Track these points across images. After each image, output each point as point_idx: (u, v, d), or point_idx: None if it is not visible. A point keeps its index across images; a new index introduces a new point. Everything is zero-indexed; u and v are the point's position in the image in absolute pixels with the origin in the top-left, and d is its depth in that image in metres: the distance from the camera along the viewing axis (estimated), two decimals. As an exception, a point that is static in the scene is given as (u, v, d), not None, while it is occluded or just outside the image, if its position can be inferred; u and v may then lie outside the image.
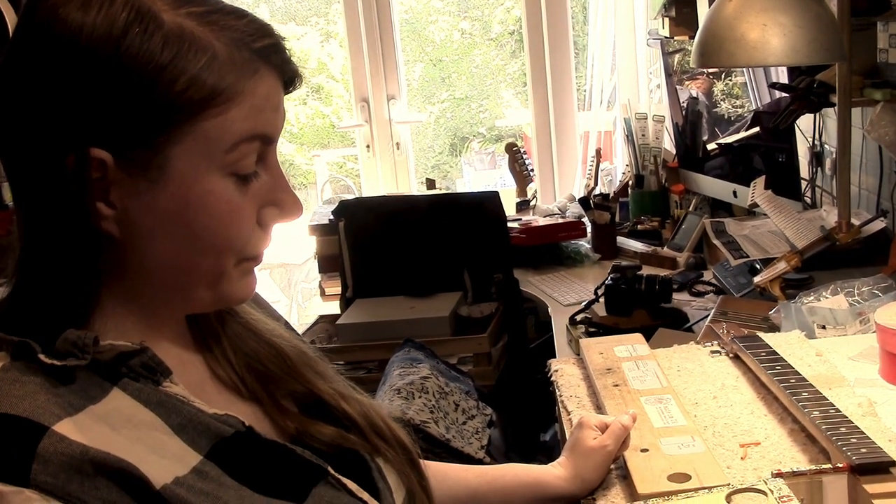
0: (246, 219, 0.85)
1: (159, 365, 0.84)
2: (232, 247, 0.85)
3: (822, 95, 2.24)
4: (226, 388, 0.94)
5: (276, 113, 0.86)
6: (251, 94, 0.82)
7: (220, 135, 0.81)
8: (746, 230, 2.57)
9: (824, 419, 1.28)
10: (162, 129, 0.79)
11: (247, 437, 0.86)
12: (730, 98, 3.88)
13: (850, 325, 1.79)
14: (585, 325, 2.30)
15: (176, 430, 0.81)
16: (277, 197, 0.88)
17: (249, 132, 0.83)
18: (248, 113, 0.82)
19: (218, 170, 0.82)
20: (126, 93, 0.77)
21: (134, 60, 0.77)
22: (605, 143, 4.14)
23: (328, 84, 6.70)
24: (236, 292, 0.89)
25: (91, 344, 0.79)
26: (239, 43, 0.82)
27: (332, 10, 6.55)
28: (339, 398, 0.99)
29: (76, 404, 0.77)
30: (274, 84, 0.85)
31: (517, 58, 6.42)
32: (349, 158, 5.67)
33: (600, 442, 1.27)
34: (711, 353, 1.74)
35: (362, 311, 2.96)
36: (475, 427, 2.32)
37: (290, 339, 1.01)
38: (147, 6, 0.78)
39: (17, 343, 0.79)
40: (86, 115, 0.77)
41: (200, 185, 0.82)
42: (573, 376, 1.71)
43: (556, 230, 3.27)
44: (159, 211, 0.81)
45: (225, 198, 0.83)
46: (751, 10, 1.58)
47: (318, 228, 3.49)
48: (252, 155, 0.84)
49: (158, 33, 0.78)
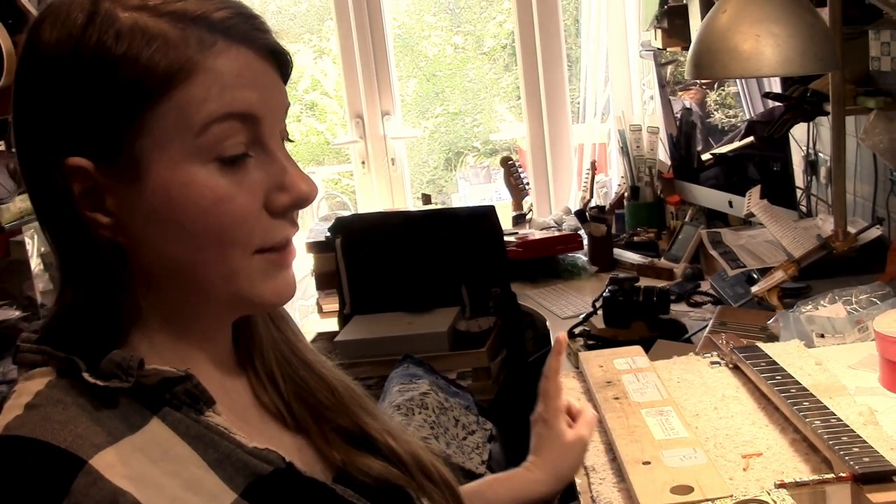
0: (241, 206, 0.80)
1: (203, 394, 0.82)
2: (232, 238, 0.80)
3: (816, 104, 2.25)
4: (270, 416, 0.92)
5: (256, 90, 0.80)
6: (212, 71, 0.78)
7: (185, 118, 0.77)
8: (743, 240, 2.58)
9: (826, 428, 1.28)
10: (126, 124, 0.77)
11: (286, 475, 0.83)
12: (723, 108, 3.89)
13: (849, 333, 1.79)
14: (584, 337, 2.30)
15: (212, 466, 0.79)
16: (282, 179, 0.82)
17: (219, 111, 0.78)
18: (215, 91, 0.77)
19: (194, 157, 0.78)
20: (87, 94, 0.76)
21: (90, 60, 0.76)
22: (599, 155, 4.15)
23: (322, 101, 6.70)
24: (262, 292, 0.84)
25: (136, 367, 0.78)
26: (194, 20, 0.78)
27: (325, 26, 6.56)
28: (387, 436, 0.96)
29: (116, 433, 0.76)
30: (244, 58, 0.80)
31: (510, 71, 6.43)
32: (344, 175, 5.67)
33: (577, 433, 1.24)
34: (711, 363, 1.74)
35: (360, 328, 2.95)
36: (476, 442, 2.31)
37: (338, 374, 0.99)
38: (102, 8, 0.77)
39: (63, 359, 0.78)
40: (60, 125, 0.78)
41: (178, 175, 0.78)
42: (573, 390, 1.70)
43: (552, 243, 3.27)
44: (148, 211, 0.79)
45: (209, 186, 0.78)
46: (744, 21, 1.58)
47: (315, 245, 3.49)
48: (234, 136, 0.79)
49: (112, 30, 0.76)
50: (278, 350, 0.95)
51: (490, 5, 6.69)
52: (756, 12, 1.58)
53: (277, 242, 0.83)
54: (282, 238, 0.84)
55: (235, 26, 0.80)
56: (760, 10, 1.58)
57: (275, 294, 0.85)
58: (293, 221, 0.85)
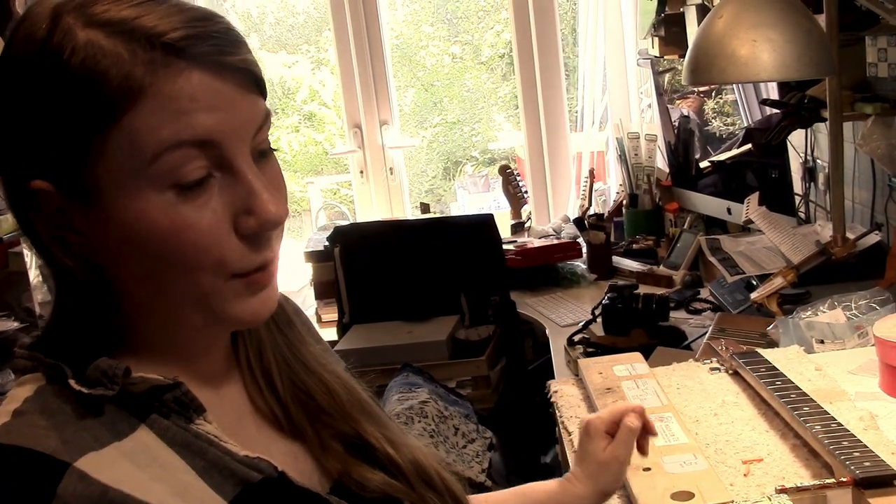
0: (204, 232, 0.76)
1: (192, 402, 0.80)
2: (199, 264, 0.77)
3: (813, 111, 2.25)
4: (265, 423, 0.90)
5: (213, 112, 0.76)
6: (162, 95, 0.73)
7: (136, 147, 0.73)
8: (742, 247, 2.58)
9: (826, 434, 1.28)
10: (80, 150, 0.74)
11: (277, 484, 0.82)
12: (721, 116, 3.90)
13: (849, 338, 1.79)
14: (583, 345, 2.29)
15: (200, 473, 0.78)
16: (248, 203, 0.78)
17: (171, 139, 0.74)
18: (166, 117, 0.74)
19: (149, 185, 0.74)
20: (44, 114, 0.74)
21: (46, 79, 0.74)
22: (598, 163, 4.15)
23: (320, 111, 6.71)
24: (238, 313, 0.81)
25: (121, 374, 0.77)
26: (147, 39, 0.74)
27: (323, 37, 6.57)
28: (386, 443, 0.93)
29: (102, 439, 0.75)
30: (198, 79, 0.75)
31: (508, 80, 6.44)
32: (343, 185, 5.67)
33: (611, 453, 1.17)
34: (711, 370, 1.73)
35: (360, 337, 2.95)
36: (476, 450, 2.31)
37: (341, 377, 0.97)
38: (64, 21, 0.74)
39: (51, 366, 0.78)
40: (23, 146, 0.77)
41: (134, 203, 0.75)
42: (573, 397, 1.70)
43: (551, 251, 3.27)
44: (113, 236, 0.77)
45: (166, 214, 0.75)
46: (741, 26, 1.59)
47: (314, 255, 3.49)
48: (191, 163, 0.75)
49: (69, 46, 0.73)
50: (279, 352, 0.93)
51: (487, 15, 6.70)
52: (752, 17, 1.58)
53: (253, 268, 0.80)
54: (258, 263, 0.80)
55: (191, 47, 0.75)
56: (757, 16, 1.58)
57: (251, 314, 0.82)
58: (269, 244, 0.81)
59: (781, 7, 1.59)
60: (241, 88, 0.78)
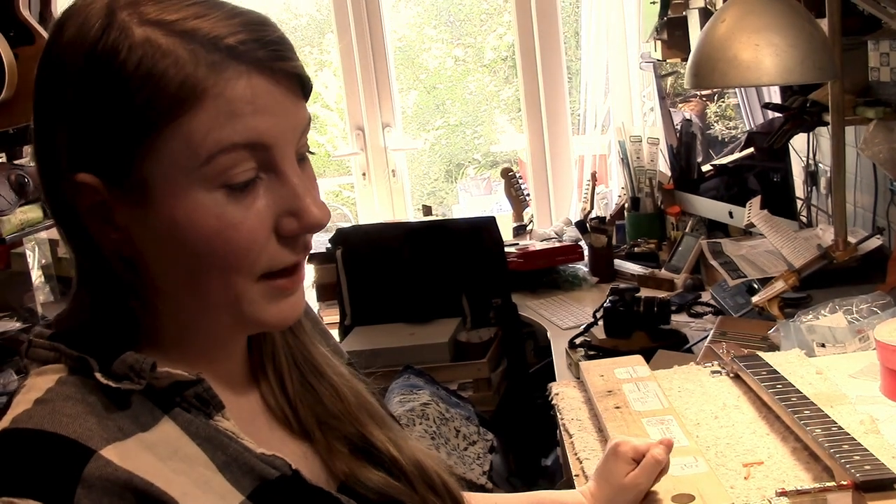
0: (247, 233, 0.78)
1: (213, 398, 0.82)
2: (237, 264, 0.79)
3: (816, 115, 2.26)
4: (277, 423, 0.92)
5: (267, 116, 0.77)
6: (221, 98, 0.75)
7: (192, 146, 0.75)
8: (743, 250, 2.58)
9: (827, 437, 1.28)
10: (132, 147, 0.76)
11: (292, 482, 0.84)
12: (723, 120, 3.90)
13: (850, 342, 1.79)
14: (585, 348, 2.30)
15: (220, 468, 0.80)
16: (293, 205, 0.80)
17: (226, 142, 0.76)
18: (221, 120, 0.75)
19: (200, 184, 0.76)
20: (98, 106, 0.76)
21: (103, 70, 0.75)
22: (600, 166, 4.15)
23: (323, 113, 6.72)
24: (266, 317, 0.82)
25: (148, 369, 0.78)
26: (207, 42, 0.75)
27: (326, 39, 6.57)
28: (390, 445, 0.95)
29: (126, 430, 0.76)
30: (256, 84, 0.77)
31: (511, 83, 6.45)
32: (345, 187, 5.68)
33: (633, 479, 1.18)
34: (712, 373, 1.73)
35: (361, 339, 2.96)
36: (476, 453, 2.31)
37: (349, 380, 0.98)
38: (119, 18, 0.76)
39: (76, 358, 0.79)
40: (71, 138, 0.77)
41: (184, 201, 0.76)
42: (574, 399, 1.70)
43: (553, 254, 3.27)
44: (155, 232, 0.78)
45: (215, 213, 0.77)
46: (743, 30, 1.59)
47: (316, 257, 3.49)
48: (241, 164, 0.77)
49: (126, 43, 0.74)
50: (290, 354, 0.95)
51: (490, 18, 6.71)
52: (755, 22, 1.58)
53: (284, 267, 0.82)
54: (289, 263, 0.82)
55: (249, 52, 0.77)
56: (759, 20, 1.58)
57: (279, 318, 0.84)
58: (304, 246, 0.83)
59: (784, 11, 1.60)
60: (292, 94, 0.81)
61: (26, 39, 2.63)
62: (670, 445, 1.20)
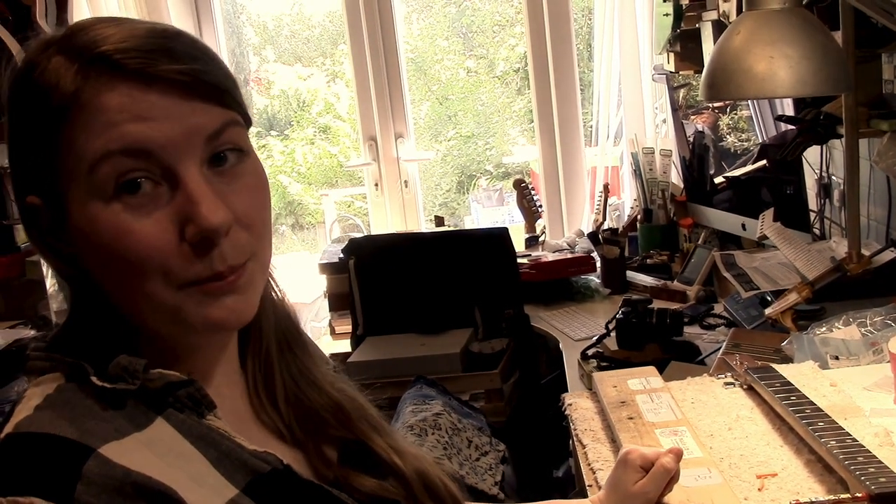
0: (144, 239, 0.78)
1: (204, 398, 0.85)
2: (143, 271, 0.79)
3: (829, 127, 2.26)
4: (268, 431, 0.94)
5: (147, 122, 0.78)
6: (94, 107, 0.78)
7: (76, 157, 0.78)
8: (756, 262, 2.58)
9: (841, 449, 1.28)
10: (42, 164, 0.80)
11: (284, 476, 0.86)
12: (735, 132, 3.90)
13: (864, 355, 1.79)
14: (597, 359, 2.29)
15: (214, 464, 0.82)
16: (189, 210, 0.79)
17: (104, 149, 0.77)
18: (98, 129, 0.77)
19: (95, 195, 0.78)
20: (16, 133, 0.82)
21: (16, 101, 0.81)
22: (612, 177, 4.15)
23: (335, 124, 6.74)
24: (196, 321, 0.82)
25: (141, 370, 0.81)
26: (86, 54, 0.79)
27: (339, 50, 6.60)
28: (391, 452, 0.97)
29: (122, 429, 0.79)
30: (130, 91, 0.78)
31: (523, 95, 6.46)
32: (357, 197, 5.69)
33: (641, 487, 1.19)
34: (725, 384, 1.73)
35: (373, 349, 2.96)
36: (489, 463, 2.31)
37: (351, 394, 1.01)
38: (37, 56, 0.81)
39: (71, 364, 0.82)
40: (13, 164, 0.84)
41: (86, 212, 0.79)
42: (587, 410, 1.70)
43: (565, 265, 3.27)
44: (79, 247, 0.82)
45: (112, 222, 0.78)
46: (758, 42, 1.59)
47: (328, 267, 3.50)
48: (129, 172, 0.78)
49: (33, 73, 0.80)
50: (289, 373, 0.97)
51: (502, 29, 6.73)
52: (769, 34, 1.59)
53: (201, 278, 0.81)
54: (206, 275, 0.81)
55: (125, 59, 0.78)
56: (774, 32, 1.59)
57: (215, 321, 0.83)
58: (220, 252, 0.81)
59: (798, 23, 1.60)
60: (183, 98, 0.80)
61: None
62: (679, 454, 1.20)
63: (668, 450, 1.20)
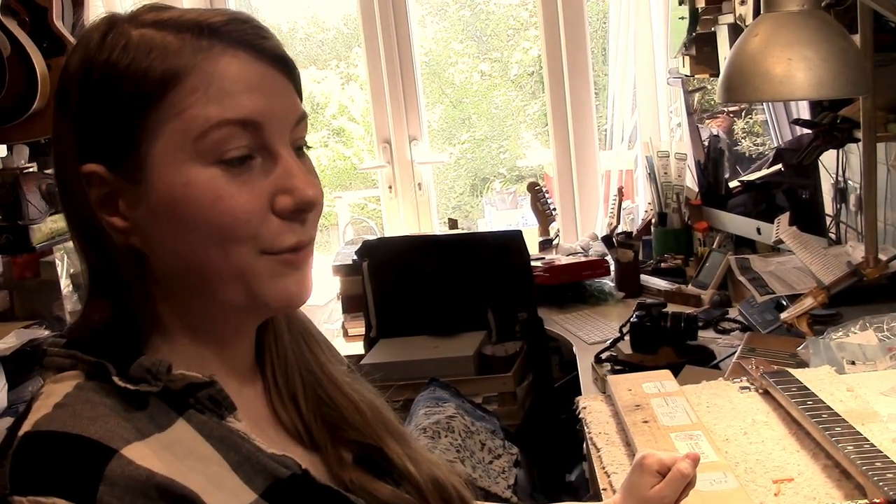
0: (241, 204, 0.81)
1: (225, 400, 0.85)
2: (234, 236, 0.81)
3: (846, 131, 2.24)
4: (285, 432, 0.94)
5: (257, 94, 0.82)
6: (207, 74, 0.80)
7: (184, 123, 0.80)
8: (772, 266, 2.56)
9: (859, 454, 1.27)
10: (129, 128, 0.81)
11: (302, 481, 0.86)
12: (750, 136, 3.88)
13: (881, 360, 1.78)
14: (611, 363, 2.29)
15: (234, 467, 0.82)
16: (286, 183, 0.83)
17: (217, 118, 0.80)
18: (212, 97, 0.80)
19: (194, 159, 0.81)
20: (94, 106, 0.82)
21: (100, 72, 0.81)
22: (626, 181, 4.14)
23: (349, 126, 6.74)
24: (270, 292, 0.84)
25: (164, 371, 0.81)
26: (193, 27, 0.82)
27: (353, 53, 6.60)
28: (406, 459, 0.97)
29: (144, 430, 0.79)
30: (242, 61, 0.82)
31: (537, 98, 6.45)
32: (371, 200, 5.69)
33: (658, 492, 1.16)
34: (741, 388, 1.72)
35: (386, 351, 2.96)
36: (501, 466, 2.31)
37: (369, 396, 1.01)
38: (117, 28, 0.82)
39: (92, 363, 0.81)
40: (77, 135, 0.83)
41: (179, 177, 0.80)
42: (601, 413, 1.70)
43: (579, 269, 3.27)
44: (156, 212, 0.82)
45: (209, 186, 0.80)
46: (776, 44, 1.58)
47: (342, 269, 3.50)
48: (234, 141, 0.81)
49: (119, 46, 0.81)
50: (307, 370, 0.96)
51: (517, 33, 6.72)
52: (787, 36, 1.58)
53: (286, 247, 0.84)
54: (291, 243, 0.84)
55: (232, 31, 0.82)
56: (792, 34, 1.58)
57: (284, 295, 0.85)
58: (305, 226, 0.85)
59: (816, 26, 1.59)
60: (280, 79, 0.85)
61: (59, 51, 2.66)
62: (696, 459, 1.19)
63: (685, 455, 1.19)
